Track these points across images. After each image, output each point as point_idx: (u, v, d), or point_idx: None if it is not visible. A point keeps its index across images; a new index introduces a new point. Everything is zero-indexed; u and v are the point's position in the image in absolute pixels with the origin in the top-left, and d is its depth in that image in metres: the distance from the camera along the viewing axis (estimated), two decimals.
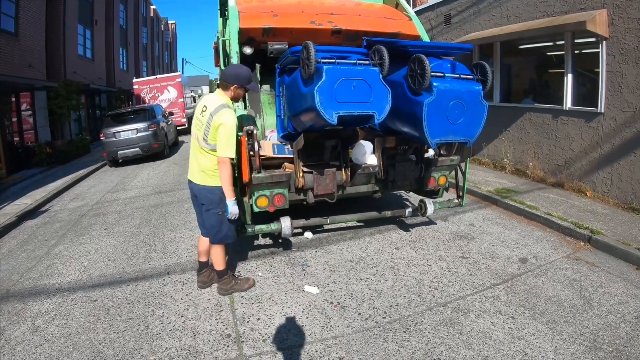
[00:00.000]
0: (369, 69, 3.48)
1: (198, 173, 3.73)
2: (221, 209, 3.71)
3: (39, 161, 13.44)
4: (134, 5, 32.72)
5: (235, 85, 3.63)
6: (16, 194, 9.55)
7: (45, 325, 3.73)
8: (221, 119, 3.44)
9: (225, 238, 3.88)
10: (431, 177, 4.93)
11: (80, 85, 16.99)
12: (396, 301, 3.80)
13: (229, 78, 3.63)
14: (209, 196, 3.74)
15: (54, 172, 12.46)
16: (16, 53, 13.05)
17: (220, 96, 3.66)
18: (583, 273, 4.25)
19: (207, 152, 3.62)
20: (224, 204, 3.65)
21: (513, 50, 8.55)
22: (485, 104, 3.66)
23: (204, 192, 3.75)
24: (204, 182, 3.72)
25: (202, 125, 3.59)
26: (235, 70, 3.69)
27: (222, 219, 3.75)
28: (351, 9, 5.46)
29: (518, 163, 8.19)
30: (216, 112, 3.49)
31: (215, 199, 3.71)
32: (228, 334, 3.41)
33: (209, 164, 3.65)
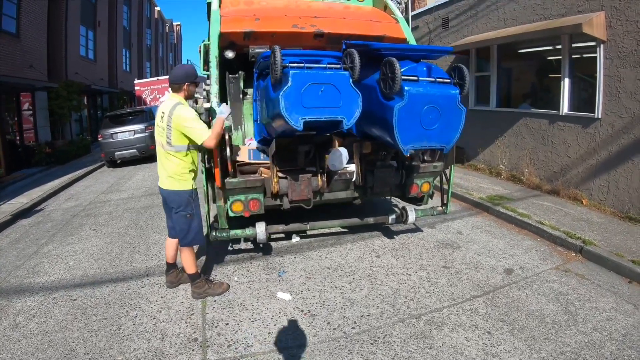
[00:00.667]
0: (338, 74, 3.39)
1: (166, 179, 3.78)
2: (189, 211, 3.81)
3: (39, 161, 13.56)
4: (138, 6, 32.95)
5: (187, 83, 3.74)
6: (14, 193, 9.62)
7: (25, 322, 3.83)
8: (179, 115, 3.54)
9: (194, 240, 3.93)
10: (414, 183, 4.82)
11: (81, 86, 17.12)
12: (368, 311, 3.69)
13: (178, 79, 3.73)
14: (176, 199, 3.80)
15: (52, 171, 12.54)
16: (17, 54, 13.16)
17: (173, 98, 3.73)
18: (571, 286, 4.08)
19: (172, 155, 3.69)
20: (191, 207, 3.80)
21: (511, 55, 8.38)
22: (463, 108, 3.53)
23: (172, 195, 3.81)
24: (171, 186, 3.78)
25: (164, 130, 3.65)
26: (182, 70, 3.81)
27: (191, 221, 3.84)
28: (338, 12, 5.36)
29: (514, 169, 8.03)
30: (172, 112, 3.57)
31: (182, 201, 3.79)
32: (195, 338, 3.41)
33: (175, 168, 3.71)
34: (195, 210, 3.88)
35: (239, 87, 5.03)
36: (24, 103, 14.04)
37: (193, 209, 3.84)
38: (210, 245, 5.28)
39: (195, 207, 3.87)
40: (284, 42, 4.85)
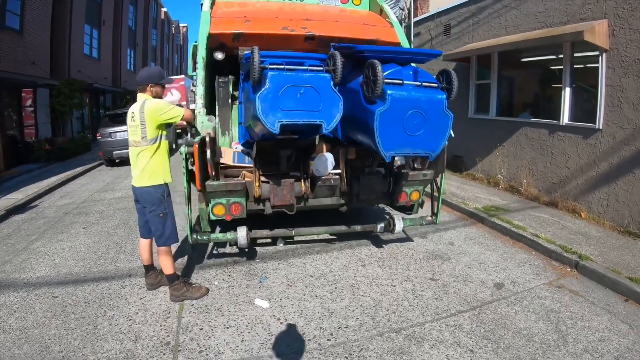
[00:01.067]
0: (318, 76, 3.29)
1: (138, 175, 3.81)
2: (162, 211, 3.83)
3: (38, 157, 13.59)
4: (144, 6, 33.07)
5: (150, 85, 3.79)
6: (10, 189, 9.61)
7: (6, 317, 3.83)
8: (150, 107, 3.65)
9: (169, 239, 3.94)
10: (402, 192, 4.70)
11: (83, 84, 17.16)
12: (346, 323, 3.55)
13: (142, 80, 3.80)
14: (149, 198, 3.82)
15: (51, 168, 12.54)
16: (20, 50, 13.21)
17: (141, 98, 3.80)
18: (564, 303, 3.90)
19: (145, 150, 3.74)
20: (164, 206, 3.84)
21: (512, 63, 8.26)
22: (450, 114, 3.40)
23: (145, 194, 3.83)
24: (142, 183, 3.79)
25: (138, 128, 3.71)
26: (146, 73, 3.86)
27: (164, 220, 3.86)
28: (331, 15, 5.29)
29: (512, 179, 7.88)
30: (142, 108, 3.66)
31: (155, 200, 3.81)
32: (167, 342, 3.36)
33: (147, 162, 3.75)
34: (168, 209, 3.89)
35: (227, 91, 4.94)
36: (26, 99, 14.08)
37: (166, 208, 3.85)
38: (195, 248, 5.22)
39: (168, 206, 3.88)
40: (275, 44, 4.79)
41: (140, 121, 3.65)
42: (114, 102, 24.60)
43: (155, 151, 3.75)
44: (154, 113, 3.63)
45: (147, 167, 3.74)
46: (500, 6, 8.08)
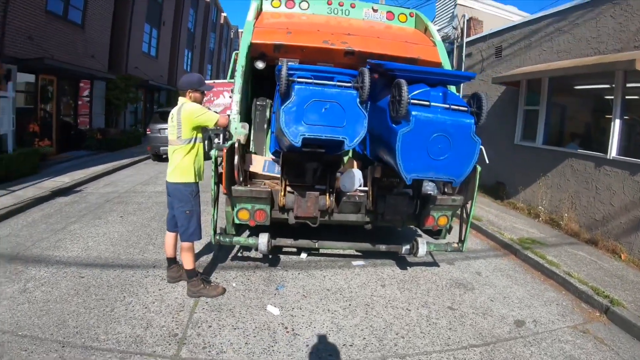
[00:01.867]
0: (344, 92, 3.29)
1: (172, 171, 3.99)
2: (188, 208, 3.99)
3: (89, 145, 14.27)
4: (205, 10, 34.14)
5: (189, 90, 3.98)
6: (59, 172, 10.15)
7: (33, 288, 4.12)
8: (187, 110, 3.85)
9: (192, 236, 4.06)
10: (430, 215, 4.57)
11: (139, 80, 17.89)
12: (352, 341, 3.50)
13: (182, 86, 4.01)
14: (178, 194, 4.00)
15: (100, 157, 13.13)
16: (80, 43, 13.96)
17: (180, 100, 4.03)
18: (585, 350, 3.65)
19: (181, 148, 3.93)
20: (191, 204, 4.00)
21: (563, 89, 7.93)
22: (478, 140, 3.28)
23: (175, 190, 4.01)
24: (174, 179, 3.98)
25: (175, 128, 3.92)
26: (186, 78, 4.05)
27: (190, 217, 4.00)
28: (374, 31, 5.27)
29: (553, 212, 7.52)
30: (180, 111, 3.89)
31: (184, 197, 3.99)
32: (175, 334, 3.47)
33: (181, 160, 3.94)
34: (195, 208, 4.03)
35: (264, 116, 4.99)
36: (83, 90, 14.84)
37: (192, 207, 4.00)
38: (221, 248, 5.34)
39: (194, 205, 4.03)
40: (315, 57, 4.85)
41: (177, 122, 3.87)
42: (169, 100, 25.48)
43: (189, 151, 3.93)
44: (190, 115, 3.83)
45: (179, 164, 3.93)
46: (552, 29, 7.82)
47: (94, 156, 13.23)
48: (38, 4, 11.37)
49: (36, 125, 11.33)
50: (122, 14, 17.46)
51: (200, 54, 34.16)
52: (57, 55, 12.15)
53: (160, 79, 23.35)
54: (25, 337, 3.27)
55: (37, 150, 10.14)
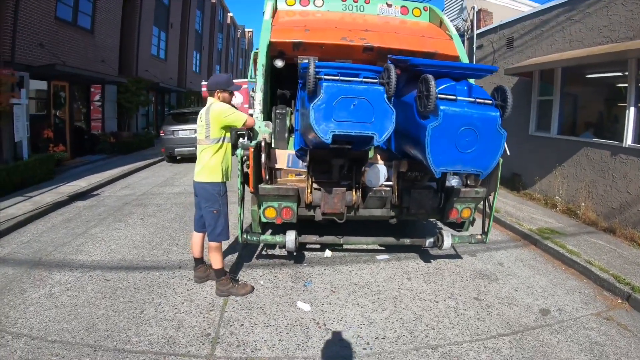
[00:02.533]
0: (372, 88, 3.32)
1: (200, 170, 4.05)
2: (216, 207, 4.03)
3: (102, 149, 14.43)
4: (211, 11, 34.29)
5: (218, 90, 4.02)
6: (74, 176, 10.29)
7: (59, 293, 4.16)
8: (216, 110, 3.91)
9: (220, 236, 4.10)
10: (453, 208, 4.61)
11: (150, 83, 18.02)
12: (384, 334, 3.56)
13: (210, 86, 4.06)
14: (205, 194, 4.04)
15: (114, 160, 13.27)
16: (90, 48, 14.11)
17: (209, 100, 4.09)
18: (610, 336, 3.69)
19: (209, 147, 3.99)
20: (218, 204, 4.04)
21: (576, 79, 7.91)
22: (503, 132, 3.32)
23: (202, 190, 4.06)
24: (202, 178, 4.03)
25: (203, 128, 3.99)
26: (214, 79, 4.12)
27: (217, 216, 4.04)
28: (391, 26, 5.28)
29: (570, 202, 7.52)
30: (209, 110, 3.95)
31: (210, 196, 4.03)
32: (208, 333, 3.50)
33: (209, 159, 4.00)
34: (222, 207, 4.07)
35: (285, 124, 4.96)
36: (95, 94, 14.96)
37: (220, 206, 4.05)
38: (246, 247, 5.40)
39: (222, 205, 4.07)
40: (333, 54, 4.87)
41: (205, 121, 3.94)
42: (179, 102, 25.63)
43: (217, 151, 3.99)
44: (219, 115, 3.89)
45: (207, 164, 3.98)
46: (564, 19, 7.80)
47: (108, 160, 13.38)
48: (48, 11, 11.50)
49: (50, 131, 11.47)
50: (131, 18, 17.60)
51: (208, 55, 34.32)
52: (69, 61, 12.28)
53: (170, 81, 23.50)
54: (56, 342, 3.31)
55: (52, 156, 10.26)
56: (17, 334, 3.41)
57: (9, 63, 9.84)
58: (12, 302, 3.93)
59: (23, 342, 3.29)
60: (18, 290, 4.20)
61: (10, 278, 4.48)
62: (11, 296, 4.07)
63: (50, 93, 12.07)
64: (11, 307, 3.84)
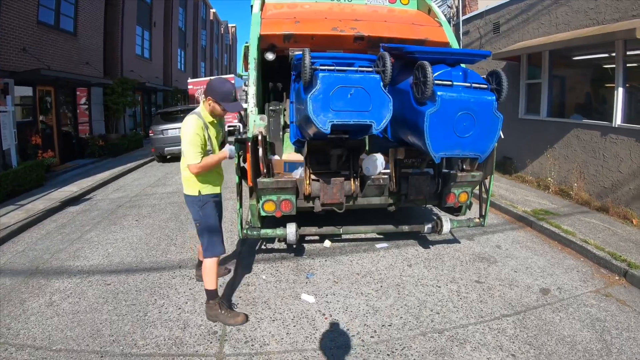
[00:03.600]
0: (368, 77, 3.33)
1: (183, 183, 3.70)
2: (197, 220, 3.65)
3: (91, 152, 14.27)
4: (194, 8, 34.00)
5: (209, 98, 3.46)
6: (65, 182, 10.18)
7: (60, 301, 4.10)
8: (183, 124, 3.44)
9: (206, 251, 3.64)
10: (450, 193, 4.66)
11: (136, 83, 17.84)
12: (390, 321, 3.59)
13: (207, 89, 3.51)
14: (189, 207, 3.72)
15: (104, 163, 13.15)
16: (74, 51, 13.90)
17: (199, 107, 3.61)
18: (610, 312, 3.76)
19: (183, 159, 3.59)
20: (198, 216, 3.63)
21: (564, 62, 7.98)
22: (500, 116, 3.36)
23: (187, 203, 3.74)
24: (185, 190, 3.68)
25: None
26: (214, 85, 3.48)
27: (200, 229, 3.65)
28: (380, 15, 5.29)
29: (562, 183, 7.62)
30: (184, 120, 3.48)
31: (191, 209, 3.69)
32: (215, 331, 3.49)
33: (183, 169, 3.60)
34: (203, 220, 3.62)
35: (278, 121, 4.82)
36: (80, 97, 14.77)
37: (200, 218, 3.62)
38: (244, 242, 5.40)
39: (203, 217, 3.62)
40: (324, 44, 4.86)
41: None
42: (165, 101, 25.43)
43: None
44: (181, 132, 3.45)
45: (183, 176, 3.62)
46: (549, 2, 7.85)
47: (97, 163, 13.25)
48: (29, 15, 11.29)
49: (38, 137, 11.32)
50: (113, 18, 17.36)
51: (192, 52, 34.06)
52: (53, 65, 12.11)
53: (155, 80, 23.30)
54: (60, 351, 3.27)
55: (41, 162, 10.11)
56: (21, 345, 3.37)
57: None
58: (13, 313, 3.88)
59: (27, 353, 3.25)
60: (17, 300, 4.14)
61: (9, 289, 4.41)
62: (11, 307, 4.00)
63: (36, 98, 11.87)
64: (12, 318, 3.78)
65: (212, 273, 3.60)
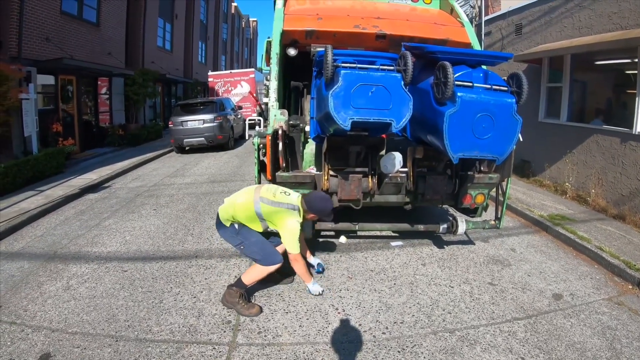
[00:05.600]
0: (389, 75, 3.34)
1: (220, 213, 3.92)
2: (240, 243, 3.84)
3: (111, 141, 14.52)
4: (215, 1, 34.17)
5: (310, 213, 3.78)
6: (84, 169, 10.39)
7: (77, 285, 4.24)
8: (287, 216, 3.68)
9: (268, 260, 3.76)
10: (467, 194, 4.65)
11: (157, 74, 18.00)
12: (402, 318, 3.63)
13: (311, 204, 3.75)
14: (224, 237, 4.00)
15: (123, 152, 13.35)
16: (97, 41, 14.13)
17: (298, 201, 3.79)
18: (621, 321, 3.74)
19: None
20: (238, 239, 3.83)
21: (586, 66, 7.86)
22: (519, 119, 3.36)
23: (220, 233, 3.99)
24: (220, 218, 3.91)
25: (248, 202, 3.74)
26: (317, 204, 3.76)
27: (249, 248, 3.81)
28: (402, 13, 5.29)
29: (580, 189, 7.53)
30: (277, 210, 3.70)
31: (229, 238, 3.94)
32: (229, 321, 3.58)
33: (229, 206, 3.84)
34: (245, 241, 3.80)
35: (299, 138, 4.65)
36: (102, 87, 15.00)
37: (242, 241, 3.80)
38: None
39: (244, 239, 3.79)
40: (346, 42, 4.88)
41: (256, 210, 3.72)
42: (185, 93, 25.64)
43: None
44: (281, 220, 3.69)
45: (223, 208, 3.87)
46: (572, 5, 7.74)
47: (117, 152, 13.45)
48: (53, 5, 11.52)
49: (59, 125, 11.59)
50: (136, 10, 17.56)
51: (213, 45, 34.24)
52: (75, 54, 12.31)
53: (176, 72, 23.49)
54: (76, 334, 3.36)
55: (62, 150, 10.35)
56: (37, 327, 3.48)
57: (16, 58, 9.90)
58: (30, 296, 4.01)
59: (43, 335, 3.36)
60: (35, 283, 4.27)
61: (27, 272, 4.56)
62: (28, 289, 4.14)
63: (57, 87, 12.13)
64: (29, 301, 3.91)
65: (259, 275, 3.77)
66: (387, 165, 4.08)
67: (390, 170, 4.03)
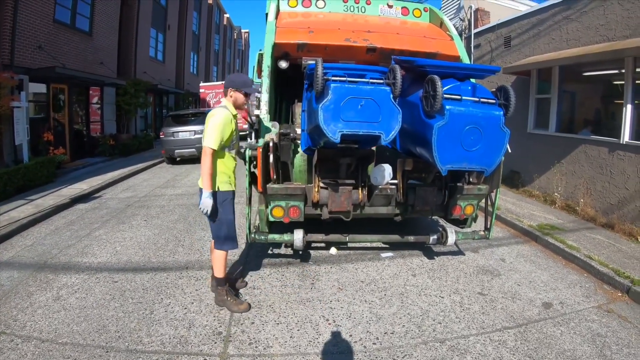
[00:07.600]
0: (379, 89, 3.38)
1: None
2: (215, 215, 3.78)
3: (102, 151, 14.46)
4: (208, 12, 34.39)
5: (230, 88, 3.84)
6: (75, 179, 10.32)
7: (67, 296, 4.19)
8: (211, 113, 3.72)
9: (224, 244, 3.85)
10: (457, 205, 4.69)
11: (148, 84, 18.02)
12: (393, 329, 3.64)
13: (225, 84, 3.93)
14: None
15: (114, 162, 13.30)
16: (89, 51, 14.17)
17: (223, 103, 3.91)
18: (611, 328, 3.79)
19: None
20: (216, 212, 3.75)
21: (573, 77, 8.02)
22: (507, 131, 3.42)
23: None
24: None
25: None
26: (230, 77, 3.97)
27: (218, 224, 3.81)
28: (392, 27, 5.35)
29: (569, 198, 7.62)
30: (210, 111, 3.85)
31: None
32: (219, 332, 3.56)
33: None
34: (222, 216, 3.79)
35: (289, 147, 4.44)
36: (93, 97, 14.98)
37: (221, 214, 3.77)
38: (252, 247, 5.47)
39: (223, 212, 3.79)
40: (337, 55, 4.93)
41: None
42: (177, 103, 25.67)
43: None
44: (207, 120, 3.69)
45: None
46: (560, 18, 7.92)
47: (108, 162, 13.41)
48: (46, 13, 11.55)
49: (50, 134, 11.53)
50: (128, 20, 17.65)
51: (205, 56, 34.41)
52: (67, 63, 12.34)
53: (168, 82, 23.55)
54: (67, 344, 3.34)
55: (52, 159, 10.30)
56: (27, 337, 3.45)
57: (9, 66, 9.90)
58: (20, 305, 3.97)
59: (33, 345, 3.33)
60: (25, 293, 4.24)
61: (16, 281, 4.52)
62: (18, 299, 4.10)
63: (49, 96, 12.11)
64: (19, 310, 3.87)
65: (221, 263, 3.89)
66: (377, 177, 4.11)
67: (380, 182, 4.05)
